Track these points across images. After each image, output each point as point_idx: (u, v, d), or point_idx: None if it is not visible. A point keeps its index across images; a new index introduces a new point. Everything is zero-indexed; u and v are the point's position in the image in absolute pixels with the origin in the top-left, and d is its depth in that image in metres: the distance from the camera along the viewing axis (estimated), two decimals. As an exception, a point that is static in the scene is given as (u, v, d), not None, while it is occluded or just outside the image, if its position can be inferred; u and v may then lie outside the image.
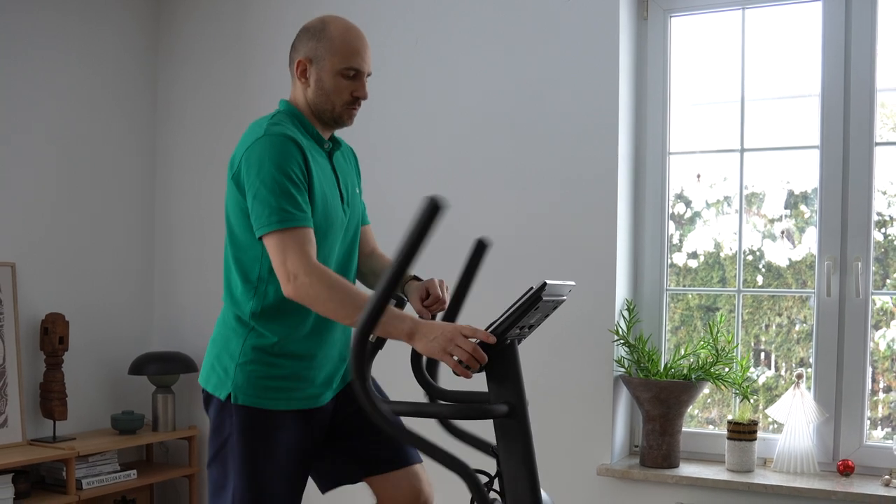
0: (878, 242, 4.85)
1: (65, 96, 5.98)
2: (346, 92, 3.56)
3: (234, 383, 3.50)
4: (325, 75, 3.54)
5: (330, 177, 3.60)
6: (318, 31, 3.56)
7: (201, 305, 6.30)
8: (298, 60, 3.58)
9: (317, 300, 3.28)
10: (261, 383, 3.49)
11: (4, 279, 5.55)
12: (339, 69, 3.53)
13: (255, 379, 3.49)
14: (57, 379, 5.68)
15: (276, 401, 3.50)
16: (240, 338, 3.53)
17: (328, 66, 3.53)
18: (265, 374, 3.50)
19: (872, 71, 4.76)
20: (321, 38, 3.54)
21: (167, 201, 6.54)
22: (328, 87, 3.55)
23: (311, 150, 3.51)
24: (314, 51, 3.55)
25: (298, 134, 3.51)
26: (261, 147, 3.41)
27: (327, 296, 3.26)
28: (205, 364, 3.66)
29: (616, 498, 5.07)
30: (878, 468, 4.73)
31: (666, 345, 5.26)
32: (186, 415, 6.40)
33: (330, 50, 3.53)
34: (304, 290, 3.27)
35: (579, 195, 5.13)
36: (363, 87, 3.61)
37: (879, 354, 4.94)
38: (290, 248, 3.29)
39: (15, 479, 5.19)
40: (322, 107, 3.58)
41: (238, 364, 3.51)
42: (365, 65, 3.60)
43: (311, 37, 3.57)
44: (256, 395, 3.49)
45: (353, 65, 3.55)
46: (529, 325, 3.20)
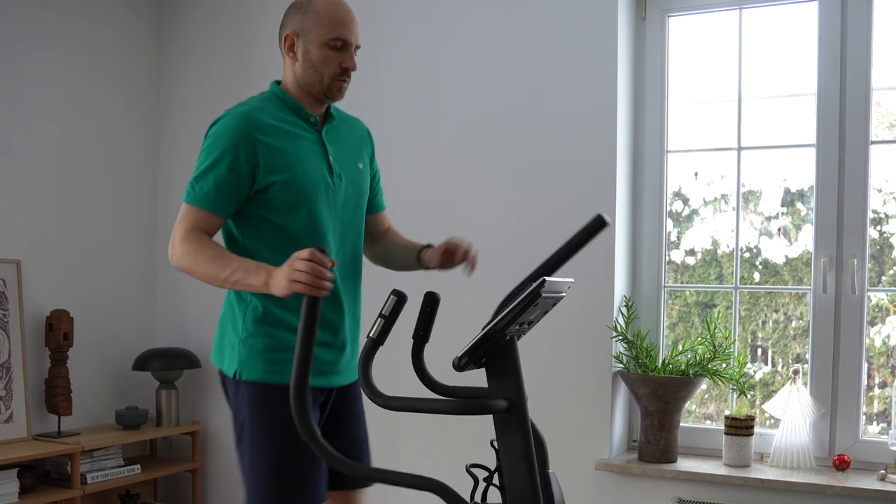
0: (873, 240, 4.85)
1: (69, 95, 5.98)
2: (334, 63, 3.56)
3: (239, 359, 3.53)
4: (312, 47, 3.55)
5: (313, 150, 3.59)
6: (304, 4, 3.58)
7: (204, 302, 6.29)
8: (286, 35, 3.60)
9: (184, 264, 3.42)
10: (264, 356, 3.51)
11: (10, 276, 5.55)
12: (325, 40, 3.53)
13: (257, 352, 3.51)
14: (62, 375, 5.68)
15: (282, 374, 3.48)
16: (241, 312, 3.56)
17: (314, 38, 3.54)
18: (267, 346, 3.52)
19: (868, 70, 4.76)
20: (307, 11, 3.56)
21: (170, 199, 6.54)
22: (316, 59, 3.55)
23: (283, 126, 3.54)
24: (300, 24, 3.56)
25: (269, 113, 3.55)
26: (214, 127, 3.54)
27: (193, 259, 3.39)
28: (215, 343, 3.70)
29: (614, 492, 5.07)
30: (874, 463, 4.73)
31: (664, 341, 5.26)
32: (190, 410, 6.40)
33: (316, 21, 3.54)
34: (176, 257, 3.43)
35: (578, 193, 5.13)
36: (352, 59, 3.60)
37: (875, 350, 4.95)
38: (180, 223, 3.43)
39: (20, 474, 5.19)
40: (310, 79, 3.58)
41: (241, 339, 3.54)
42: (352, 36, 3.59)
43: (297, 11, 3.59)
44: (262, 370, 3.51)
45: (340, 35, 3.55)
46: (529, 322, 3.20)
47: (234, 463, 6.24)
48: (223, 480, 6.30)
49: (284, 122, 3.56)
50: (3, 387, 5.45)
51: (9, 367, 5.50)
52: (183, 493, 6.42)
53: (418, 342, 3.41)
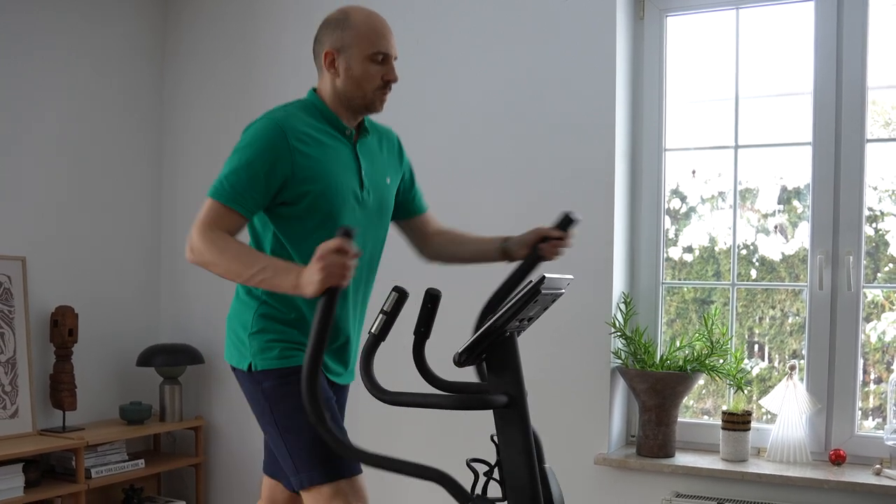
0: (868, 237, 4.85)
1: (74, 95, 5.98)
2: (377, 77, 3.57)
3: (251, 352, 3.53)
4: (354, 63, 3.54)
5: (346, 162, 3.58)
6: (342, 21, 3.57)
7: (207, 298, 6.31)
8: (326, 52, 3.57)
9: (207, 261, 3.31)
10: (274, 345, 3.51)
11: (15, 273, 5.56)
12: (367, 55, 3.54)
13: (266, 342, 3.51)
14: (66, 370, 5.68)
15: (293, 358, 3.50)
16: (250, 309, 3.56)
17: (356, 54, 3.53)
18: (276, 338, 3.52)
19: (864, 69, 4.76)
20: (346, 27, 3.55)
21: (174, 196, 6.54)
22: (358, 74, 3.54)
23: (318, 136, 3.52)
24: (340, 40, 3.55)
25: (305, 121, 3.53)
26: (252, 128, 3.49)
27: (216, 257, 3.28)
28: (226, 341, 3.69)
29: (613, 487, 5.07)
30: (870, 458, 4.74)
31: (662, 337, 5.26)
32: (193, 405, 6.41)
33: (356, 37, 3.53)
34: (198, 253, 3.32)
35: (577, 191, 5.13)
36: (392, 71, 3.62)
37: (870, 346, 4.95)
38: (205, 217, 3.34)
39: (25, 469, 5.19)
40: (353, 94, 3.57)
41: (251, 334, 3.53)
42: (392, 48, 3.61)
43: (336, 27, 3.57)
44: (275, 357, 3.50)
45: (381, 49, 3.56)
46: (529, 318, 3.20)
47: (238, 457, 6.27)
48: (226, 475, 6.30)
49: (320, 131, 3.55)
50: (8, 382, 5.46)
51: (14, 363, 5.50)
52: (186, 487, 6.42)
53: (419, 338, 3.41)
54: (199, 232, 3.31)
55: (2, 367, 5.44)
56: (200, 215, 3.34)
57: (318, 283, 2.97)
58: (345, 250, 2.97)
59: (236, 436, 6.20)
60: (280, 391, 3.49)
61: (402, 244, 5.17)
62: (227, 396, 6.19)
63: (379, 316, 3.11)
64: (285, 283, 3.16)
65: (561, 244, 3.71)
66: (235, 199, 3.34)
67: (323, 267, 2.96)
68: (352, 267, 3.00)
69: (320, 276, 2.96)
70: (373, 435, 5.59)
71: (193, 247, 3.32)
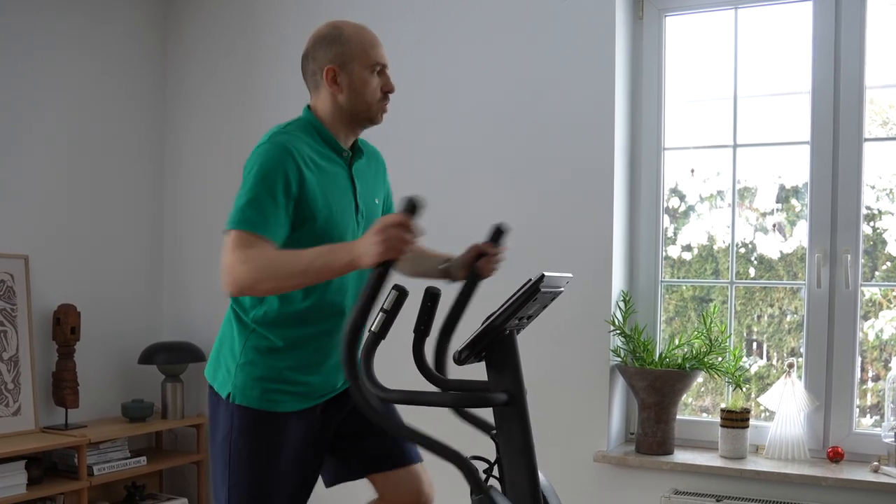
0: (866, 235, 4.85)
1: (77, 95, 5.98)
2: (377, 88, 3.54)
3: (234, 384, 3.48)
4: (356, 75, 3.50)
5: (344, 186, 3.55)
6: (337, 36, 3.53)
7: (209, 297, 6.30)
8: (327, 69, 3.51)
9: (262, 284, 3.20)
10: (260, 385, 3.47)
11: (18, 271, 5.56)
12: (367, 66, 3.51)
13: (252, 380, 3.47)
14: (69, 368, 5.69)
15: (275, 403, 3.48)
16: (241, 338, 3.51)
17: (358, 67, 3.50)
18: (264, 375, 3.47)
19: (861, 68, 4.76)
20: (342, 41, 3.51)
21: (175, 195, 6.55)
22: (360, 87, 3.51)
23: (318, 160, 3.47)
24: (340, 55, 3.50)
25: (306, 143, 3.47)
26: (258, 153, 3.38)
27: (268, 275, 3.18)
28: (210, 359, 3.66)
29: (612, 484, 5.07)
30: (867, 455, 4.74)
31: (661, 335, 5.26)
32: (195, 403, 6.40)
33: (355, 51, 3.50)
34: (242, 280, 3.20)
35: (577, 190, 5.14)
36: (389, 81, 3.60)
37: (868, 344, 4.95)
38: (234, 247, 3.23)
39: (28, 466, 5.19)
40: (358, 108, 3.54)
41: (238, 364, 3.49)
42: (385, 56, 3.60)
43: (331, 43, 3.52)
44: (256, 397, 3.47)
45: (379, 60, 3.54)
46: (528, 316, 3.20)
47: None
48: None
49: (320, 155, 3.50)
50: (11, 380, 5.46)
51: (17, 361, 5.50)
52: (188, 484, 6.42)
53: (419, 336, 3.41)
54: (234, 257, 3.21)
55: (5, 365, 5.45)
56: (228, 248, 3.24)
57: (377, 254, 2.95)
58: (406, 225, 2.95)
59: (238, 433, 6.20)
60: (248, 432, 3.48)
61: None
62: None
63: (379, 314, 3.11)
64: (344, 259, 3.09)
65: (495, 259, 3.63)
66: (261, 226, 3.25)
67: (383, 240, 2.93)
68: (411, 242, 2.98)
69: (379, 248, 2.94)
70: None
71: (235, 274, 3.20)
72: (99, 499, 5.85)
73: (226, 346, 3.58)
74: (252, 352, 3.48)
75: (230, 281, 3.21)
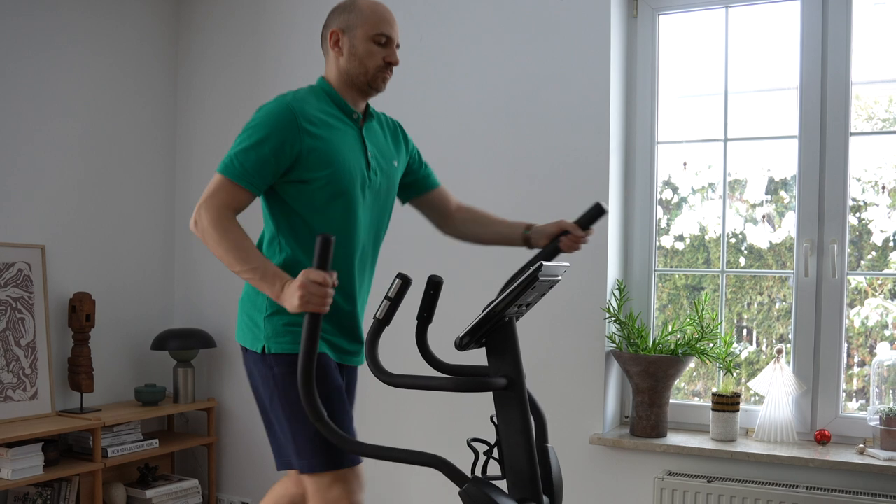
0: (852, 226, 4.84)
1: (92, 90, 5.98)
2: (378, 57, 3.58)
3: (265, 335, 3.50)
4: (358, 42, 3.57)
5: (353, 143, 3.58)
6: (349, 5, 3.61)
7: (219, 284, 6.31)
8: (332, 31, 3.60)
9: (208, 240, 3.33)
10: (290, 329, 3.49)
11: (35, 261, 5.56)
12: (370, 35, 3.56)
13: (281, 326, 3.49)
14: (84, 354, 5.69)
15: None
16: None
17: (360, 34, 3.57)
18: (291, 320, 3.49)
19: (848, 65, 4.75)
20: (352, 10, 3.59)
21: (187, 188, 6.54)
22: (361, 53, 3.57)
23: (327, 118, 3.53)
24: (346, 21, 3.58)
25: (315, 104, 3.53)
26: (264, 108, 3.48)
27: (216, 240, 3.30)
28: (238, 322, 3.67)
29: (608, 465, 5.07)
30: (853, 437, 4.75)
31: (654, 322, 5.26)
32: (205, 387, 6.41)
33: (361, 18, 3.57)
34: (201, 228, 3.34)
35: (573, 182, 5.13)
36: (394, 54, 3.63)
37: (854, 331, 4.95)
38: (214, 193, 3.36)
39: (45, 448, 5.19)
40: (355, 72, 3.59)
41: (265, 317, 3.51)
42: (394, 33, 3.63)
43: (342, 10, 3.62)
44: (290, 342, 3.48)
45: (384, 30, 3.58)
46: (527, 304, 3.20)
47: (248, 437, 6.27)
48: (237, 454, 6.31)
49: (329, 115, 3.55)
50: (28, 365, 5.46)
51: (34, 347, 5.50)
52: (199, 466, 6.43)
53: (422, 323, 3.41)
54: (207, 209, 3.34)
55: (22, 351, 5.45)
56: (209, 190, 3.37)
57: (298, 307, 3.05)
58: (324, 283, 3.02)
59: (247, 416, 6.20)
60: (291, 378, 3.46)
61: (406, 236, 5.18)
62: (238, 379, 6.19)
63: (383, 302, 3.11)
64: (269, 290, 3.24)
65: (580, 240, 3.74)
66: (244, 177, 3.36)
67: (302, 295, 3.02)
68: (329, 297, 3.04)
69: (299, 301, 3.03)
70: (380, 418, 5.59)
71: (199, 221, 3.35)
72: (113, 480, 5.85)
73: (251, 304, 3.61)
74: (276, 303, 3.49)
75: (193, 222, 3.39)
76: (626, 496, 5.05)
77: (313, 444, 3.46)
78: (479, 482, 2.97)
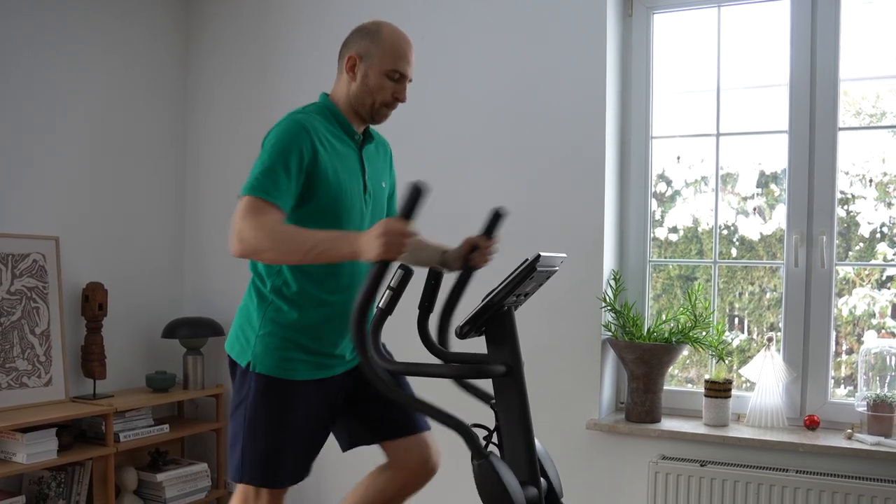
0: (841, 218, 4.84)
1: (104, 86, 5.97)
2: (388, 92, 3.55)
3: (253, 353, 3.50)
4: (372, 73, 3.52)
5: (354, 166, 3.56)
6: (373, 32, 3.54)
7: (228, 274, 6.32)
8: (349, 56, 3.55)
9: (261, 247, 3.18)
10: (277, 354, 3.49)
11: (49, 251, 5.56)
12: (386, 70, 3.52)
13: (272, 350, 3.49)
14: (97, 342, 5.69)
15: (291, 371, 3.50)
16: (260, 311, 3.53)
17: (376, 65, 3.52)
18: (282, 345, 3.49)
19: (836, 62, 4.75)
20: (374, 39, 3.53)
21: (196, 180, 6.54)
22: (372, 85, 3.53)
23: (332, 140, 3.49)
24: (366, 49, 3.52)
25: (322, 124, 3.50)
26: (276, 129, 3.40)
27: (270, 242, 3.17)
28: (231, 331, 3.67)
29: (603, 450, 5.08)
30: (841, 423, 4.75)
31: (649, 311, 5.26)
32: (214, 374, 6.42)
33: (380, 51, 3.51)
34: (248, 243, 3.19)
35: (571, 176, 5.13)
36: (403, 91, 3.60)
37: (842, 320, 4.95)
38: (246, 211, 3.21)
39: (59, 433, 5.20)
40: (362, 101, 3.56)
41: (258, 335, 3.51)
42: (410, 70, 3.59)
43: (365, 36, 3.55)
44: (274, 366, 3.48)
45: (400, 68, 3.54)
46: (525, 293, 3.21)
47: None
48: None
49: (334, 136, 3.52)
50: (43, 353, 5.46)
51: (48, 335, 5.51)
52: (208, 450, 6.43)
53: (423, 312, 3.42)
54: (244, 222, 3.20)
55: (37, 339, 5.45)
56: (240, 212, 3.23)
57: (377, 254, 2.96)
58: (407, 233, 2.97)
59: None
60: (265, 396, 3.50)
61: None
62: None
63: (386, 291, 3.11)
64: (344, 250, 3.10)
65: (488, 251, 3.67)
66: (273, 194, 3.25)
67: (384, 242, 2.94)
68: (409, 247, 2.99)
69: (380, 248, 2.95)
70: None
71: (243, 237, 3.19)
72: (125, 464, 5.86)
73: (245, 319, 3.60)
74: (270, 324, 3.50)
75: (237, 242, 3.21)
76: (622, 479, 5.06)
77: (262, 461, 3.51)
78: (496, 461, 2.98)
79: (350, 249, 3.07)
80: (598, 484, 5.11)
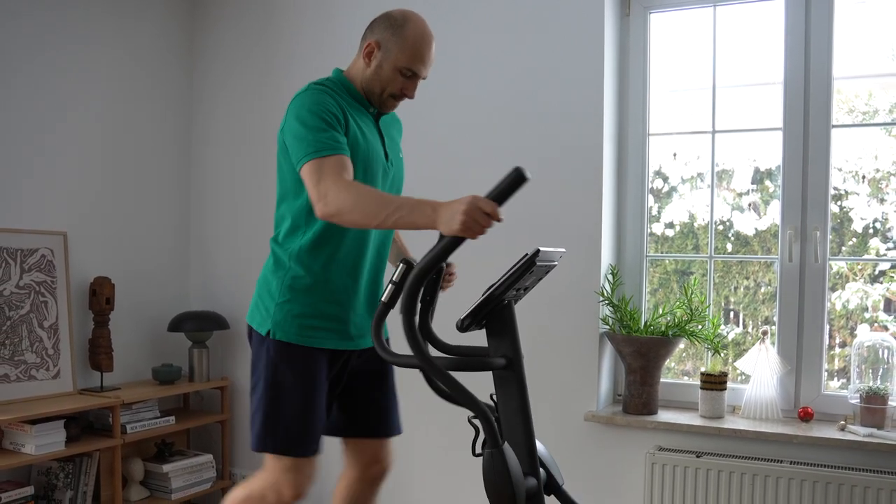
0: (834, 214, 4.84)
1: (112, 85, 5.97)
2: (397, 86, 3.55)
3: (273, 321, 3.53)
4: (387, 65, 3.52)
5: (374, 133, 3.59)
6: (397, 25, 3.51)
7: (233, 269, 6.32)
8: (369, 42, 3.54)
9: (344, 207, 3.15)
10: (297, 321, 3.51)
11: (57, 246, 5.56)
12: (400, 66, 3.51)
13: (291, 317, 3.51)
14: (104, 335, 5.69)
15: (310, 338, 3.52)
16: (279, 279, 3.55)
17: (392, 59, 3.51)
18: (300, 312, 3.52)
19: (829, 61, 4.75)
20: (396, 32, 3.50)
21: (202, 176, 6.54)
22: (384, 76, 3.53)
23: (352, 108, 3.52)
24: (387, 40, 3.51)
25: (340, 94, 3.52)
26: (299, 98, 3.42)
27: (353, 201, 3.13)
28: (251, 303, 3.69)
29: (601, 441, 5.08)
30: (835, 415, 4.76)
31: (646, 305, 5.26)
32: (219, 367, 6.42)
33: (400, 46, 3.50)
34: (333, 204, 3.17)
35: (569, 172, 5.13)
36: (413, 89, 3.59)
37: (836, 313, 4.95)
38: (324, 172, 3.20)
39: (67, 425, 5.20)
40: (371, 88, 3.56)
41: (277, 304, 3.53)
42: (424, 70, 3.57)
43: (389, 27, 3.53)
44: (295, 332, 3.51)
45: (414, 67, 3.53)
46: (525, 288, 3.20)
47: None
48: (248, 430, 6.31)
49: (351, 105, 3.54)
50: (51, 346, 5.47)
51: (56, 329, 5.51)
52: (213, 441, 6.44)
53: (425, 306, 3.42)
54: (329, 183, 3.18)
55: (45, 333, 5.45)
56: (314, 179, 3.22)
57: (457, 229, 2.90)
58: (492, 215, 2.92)
59: (258, 395, 6.20)
60: (284, 363, 3.52)
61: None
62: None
63: (389, 286, 3.11)
64: (422, 219, 3.03)
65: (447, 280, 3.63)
66: (335, 147, 3.26)
67: (467, 219, 2.88)
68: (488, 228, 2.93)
69: (461, 225, 2.89)
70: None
71: (328, 199, 3.17)
72: (131, 455, 5.86)
73: (265, 288, 3.62)
74: (289, 291, 3.52)
75: (321, 204, 3.20)
76: (619, 470, 5.06)
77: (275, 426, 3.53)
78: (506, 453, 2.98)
79: (429, 220, 3.02)
80: (595, 475, 5.12)
